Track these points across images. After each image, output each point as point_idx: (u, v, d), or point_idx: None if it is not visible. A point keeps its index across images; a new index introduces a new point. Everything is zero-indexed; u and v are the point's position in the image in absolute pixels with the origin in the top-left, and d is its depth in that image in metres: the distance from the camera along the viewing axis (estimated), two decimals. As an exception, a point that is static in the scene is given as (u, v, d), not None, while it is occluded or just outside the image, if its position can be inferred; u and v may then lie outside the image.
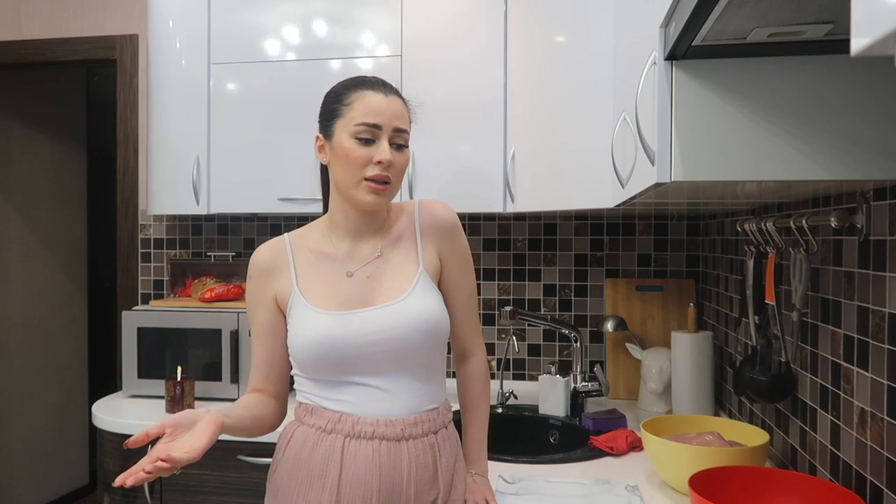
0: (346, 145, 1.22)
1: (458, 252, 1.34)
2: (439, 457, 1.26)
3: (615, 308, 2.42)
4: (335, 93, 1.28)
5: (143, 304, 2.76)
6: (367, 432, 1.20)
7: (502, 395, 2.21)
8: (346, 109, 1.23)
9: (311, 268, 1.29)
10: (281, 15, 2.30)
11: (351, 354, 1.21)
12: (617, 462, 1.71)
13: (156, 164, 2.44)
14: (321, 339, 1.21)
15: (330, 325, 1.21)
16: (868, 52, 0.40)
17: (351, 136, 1.22)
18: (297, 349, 1.24)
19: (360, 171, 1.22)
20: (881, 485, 1.11)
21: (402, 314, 1.23)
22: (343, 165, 1.23)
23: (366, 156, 1.21)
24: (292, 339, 1.26)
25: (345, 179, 1.23)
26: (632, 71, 1.32)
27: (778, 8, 0.79)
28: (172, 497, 2.03)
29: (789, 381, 1.48)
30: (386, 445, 1.20)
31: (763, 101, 1.00)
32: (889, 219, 1.09)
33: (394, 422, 1.22)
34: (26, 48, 2.88)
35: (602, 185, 1.78)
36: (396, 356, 1.23)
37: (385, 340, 1.22)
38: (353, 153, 1.21)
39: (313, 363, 1.23)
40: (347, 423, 1.21)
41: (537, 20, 2.07)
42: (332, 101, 1.27)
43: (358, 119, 1.21)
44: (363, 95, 1.23)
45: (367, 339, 1.21)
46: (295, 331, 1.25)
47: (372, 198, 1.22)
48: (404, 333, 1.22)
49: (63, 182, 3.75)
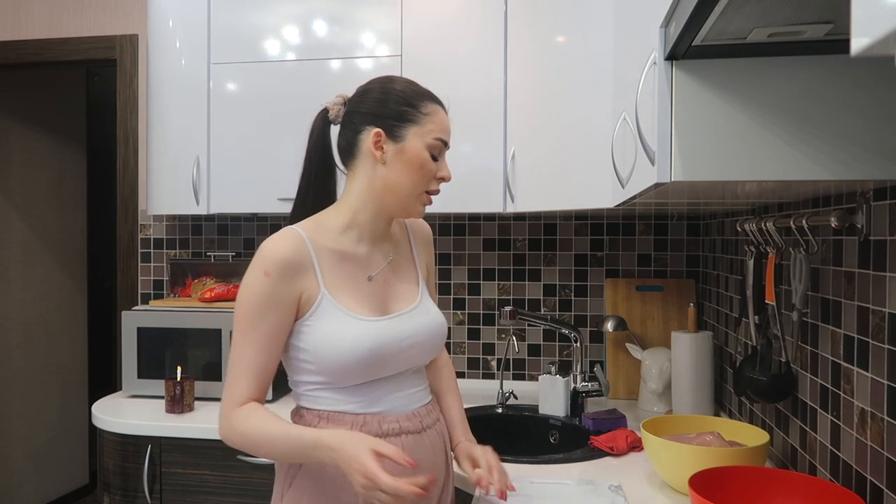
0: (422, 155, 1.23)
1: (432, 260, 1.44)
2: (447, 442, 1.35)
3: (615, 308, 2.42)
4: (406, 95, 1.24)
5: (143, 304, 2.76)
6: (394, 429, 1.23)
7: (502, 395, 2.21)
8: (424, 119, 1.23)
9: (336, 269, 1.22)
10: (281, 15, 2.30)
11: (389, 360, 1.22)
12: (617, 462, 1.71)
13: (156, 164, 2.44)
14: (370, 346, 1.18)
15: (372, 331, 1.20)
16: (868, 52, 0.40)
17: (427, 147, 1.23)
18: (335, 357, 1.18)
19: (425, 184, 1.24)
20: (881, 485, 1.11)
21: (421, 319, 1.28)
22: (410, 173, 1.22)
23: (434, 169, 1.25)
24: (326, 346, 1.18)
25: (407, 186, 1.23)
26: (632, 71, 1.32)
27: (778, 8, 0.79)
28: (172, 497, 2.03)
29: (789, 381, 1.48)
30: (411, 438, 1.24)
31: (763, 101, 1.00)
32: (889, 219, 1.09)
33: (411, 416, 1.26)
34: (26, 48, 2.87)
35: (602, 185, 1.78)
36: (417, 358, 1.28)
37: (415, 345, 1.26)
38: (427, 165, 1.23)
39: (353, 370, 1.19)
40: (374, 423, 1.21)
41: (537, 20, 2.07)
42: (403, 104, 1.23)
43: (436, 133, 1.24)
44: (437, 111, 1.25)
45: (403, 345, 1.24)
46: (329, 337, 1.18)
47: (422, 209, 1.27)
48: (427, 338, 1.28)
49: (63, 182, 3.75)
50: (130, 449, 2.05)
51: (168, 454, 2.03)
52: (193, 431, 2.01)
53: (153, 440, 2.03)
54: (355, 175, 1.26)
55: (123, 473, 2.06)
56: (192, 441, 2.01)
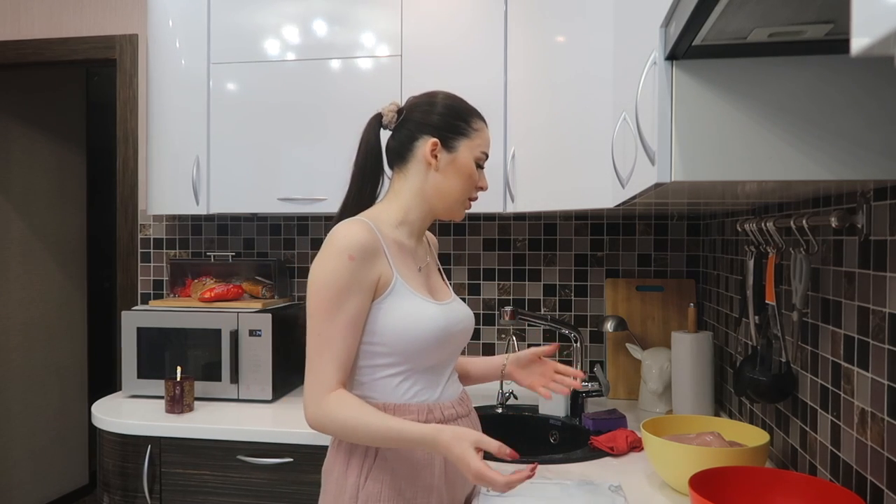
0: (470, 166, 1.37)
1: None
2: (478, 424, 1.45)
3: (615, 308, 2.42)
4: (462, 112, 1.38)
5: (143, 304, 2.76)
6: (453, 414, 1.34)
7: (502, 395, 2.21)
8: (475, 134, 1.38)
9: (399, 257, 1.33)
10: (281, 15, 2.30)
11: (454, 341, 1.36)
12: (617, 462, 1.71)
13: (156, 164, 2.44)
14: (444, 325, 1.30)
15: (442, 313, 1.33)
16: (868, 52, 0.40)
17: (474, 159, 1.38)
18: (414, 336, 1.27)
19: (470, 191, 1.39)
20: (881, 485, 1.11)
21: (462, 310, 1.42)
22: (461, 181, 1.37)
23: (478, 179, 1.40)
24: (404, 327, 1.27)
25: (456, 192, 1.37)
26: (632, 71, 1.32)
27: (778, 8, 0.79)
28: (172, 497, 2.03)
29: (789, 382, 1.48)
30: (462, 422, 1.35)
31: (763, 101, 1.00)
32: (889, 219, 1.09)
33: (458, 401, 1.38)
34: (26, 48, 2.87)
35: (602, 185, 1.78)
36: (462, 344, 1.42)
37: (464, 331, 1.40)
38: (474, 175, 1.38)
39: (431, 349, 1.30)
40: (437, 411, 1.32)
41: (537, 20, 2.07)
42: (457, 118, 1.37)
43: (483, 147, 1.40)
44: (484, 127, 1.41)
45: (459, 328, 1.37)
46: (407, 318, 1.27)
47: (463, 213, 1.42)
48: (468, 326, 1.42)
49: (63, 182, 3.75)
50: (130, 449, 2.05)
51: (168, 454, 2.03)
52: (193, 431, 2.01)
53: (153, 440, 2.03)
54: (406, 177, 1.38)
55: (123, 473, 2.06)
56: (191, 441, 2.01)
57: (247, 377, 2.24)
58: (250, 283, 2.53)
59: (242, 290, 2.49)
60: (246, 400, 2.25)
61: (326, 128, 2.26)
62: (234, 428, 1.99)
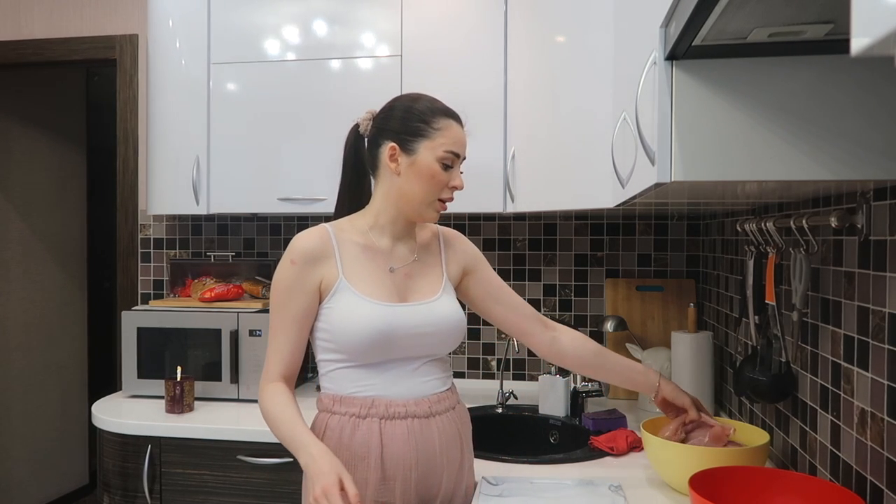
0: (432, 167, 1.35)
1: (476, 254, 1.54)
2: (461, 427, 1.42)
3: (615, 308, 2.42)
4: (420, 113, 1.37)
5: (143, 304, 2.76)
6: (401, 412, 1.34)
7: (502, 396, 2.21)
8: (436, 134, 1.36)
9: (356, 259, 1.37)
10: (281, 15, 2.30)
11: (399, 342, 1.34)
12: (617, 462, 1.71)
13: (156, 164, 2.44)
14: (378, 326, 1.31)
15: (384, 314, 1.33)
16: (868, 52, 0.40)
17: (437, 159, 1.35)
18: (350, 334, 1.31)
19: (437, 192, 1.37)
20: (881, 485, 1.11)
21: (436, 312, 1.39)
22: (423, 183, 1.36)
23: (446, 180, 1.37)
24: (341, 325, 1.32)
25: (420, 195, 1.37)
26: (632, 71, 1.32)
27: (778, 8, 0.79)
28: (172, 497, 2.03)
29: (789, 382, 1.48)
30: (418, 423, 1.34)
31: (763, 101, 1.00)
32: (889, 219, 1.09)
33: (421, 401, 1.36)
34: (26, 48, 2.87)
35: (602, 185, 1.78)
36: (428, 347, 1.39)
37: (428, 334, 1.37)
38: (437, 175, 1.36)
39: (366, 347, 1.32)
40: (381, 406, 1.33)
41: (537, 20, 2.07)
42: (416, 120, 1.36)
43: (447, 146, 1.36)
44: (450, 125, 1.37)
45: (415, 331, 1.35)
46: (344, 317, 1.32)
47: (436, 215, 1.40)
48: (438, 329, 1.38)
49: (63, 182, 3.75)
50: (130, 449, 2.05)
51: (168, 454, 2.03)
52: (193, 431, 2.01)
53: (153, 440, 2.03)
54: (379, 183, 1.42)
55: (123, 473, 2.06)
56: (191, 441, 2.01)
57: (247, 377, 2.24)
58: (250, 283, 2.53)
59: (242, 290, 2.49)
60: (246, 400, 2.25)
61: (326, 128, 2.25)
62: (234, 428, 1.99)
